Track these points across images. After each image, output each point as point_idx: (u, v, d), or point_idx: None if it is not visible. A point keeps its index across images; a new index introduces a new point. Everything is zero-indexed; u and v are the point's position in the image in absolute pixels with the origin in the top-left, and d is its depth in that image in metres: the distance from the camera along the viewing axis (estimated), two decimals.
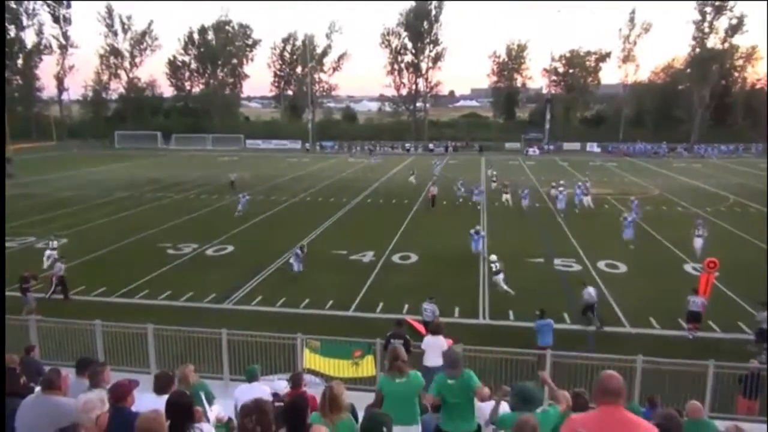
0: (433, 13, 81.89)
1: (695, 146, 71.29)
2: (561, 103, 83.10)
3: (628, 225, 24.11)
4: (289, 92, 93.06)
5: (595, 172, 49.39)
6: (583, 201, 32.65)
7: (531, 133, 76.83)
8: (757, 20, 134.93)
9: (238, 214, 29.72)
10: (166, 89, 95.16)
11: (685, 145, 71.74)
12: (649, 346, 13.13)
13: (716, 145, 70.48)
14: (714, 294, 16.12)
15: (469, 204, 33.53)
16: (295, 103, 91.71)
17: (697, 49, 74.56)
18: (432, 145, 76.26)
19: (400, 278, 19.75)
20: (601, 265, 21.15)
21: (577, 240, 24.81)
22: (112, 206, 33.50)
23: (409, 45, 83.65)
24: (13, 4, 77.75)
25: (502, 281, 17.90)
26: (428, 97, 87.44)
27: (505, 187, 34.45)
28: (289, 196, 37.01)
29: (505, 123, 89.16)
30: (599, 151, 72.54)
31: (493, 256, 19.21)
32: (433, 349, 10.50)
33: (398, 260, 22.03)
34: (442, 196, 34.44)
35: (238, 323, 13.75)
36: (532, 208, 32.14)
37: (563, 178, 37.55)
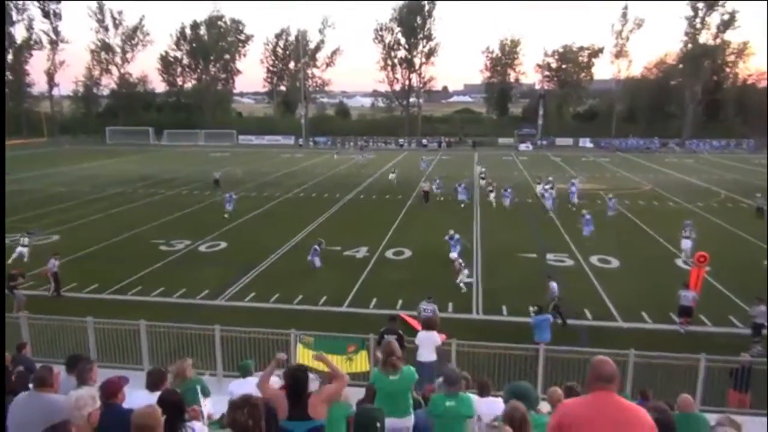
0: (427, 8, 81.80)
1: (687, 142, 71.69)
2: (554, 99, 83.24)
3: (587, 222, 24.13)
4: (282, 88, 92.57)
5: (588, 168, 49.54)
6: (575, 198, 32.57)
7: (524, 129, 76.98)
8: (749, 16, 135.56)
9: (227, 215, 28.29)
10: (158, 85, 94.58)
11: (677, 140, 72.12)
12: (641, 340, 13.21)
13: (708, 141, 70.96)
14: (705, 288, 16.24)
15: (450, 199, 33.11)
16: (288, 99, 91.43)
17: (689, 45, 74.85)
18: (425, 141, 76.27)
19: (393, 274, 19.78)
20: (594, 260, 21.26)
21: (569, 235, 24.90)
22: (105, 202, 33.31)
23: (403, 40, 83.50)
24: None
25: (466, 276, 18.17)
26: (421, 93, 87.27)
27: (491, 185, 34.44)
28: (282, 192, 36.91)
29: (498, 118, 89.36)
30: (592, 146, 72.86)
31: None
32: (427, 345, 10.52)
33: (392, 256, 22.06)
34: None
35: (232, 319, 13.74)
36: (514, 205, 31.52)
37: (555, 174, 37.52)
